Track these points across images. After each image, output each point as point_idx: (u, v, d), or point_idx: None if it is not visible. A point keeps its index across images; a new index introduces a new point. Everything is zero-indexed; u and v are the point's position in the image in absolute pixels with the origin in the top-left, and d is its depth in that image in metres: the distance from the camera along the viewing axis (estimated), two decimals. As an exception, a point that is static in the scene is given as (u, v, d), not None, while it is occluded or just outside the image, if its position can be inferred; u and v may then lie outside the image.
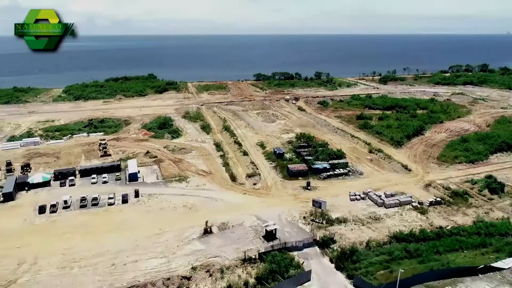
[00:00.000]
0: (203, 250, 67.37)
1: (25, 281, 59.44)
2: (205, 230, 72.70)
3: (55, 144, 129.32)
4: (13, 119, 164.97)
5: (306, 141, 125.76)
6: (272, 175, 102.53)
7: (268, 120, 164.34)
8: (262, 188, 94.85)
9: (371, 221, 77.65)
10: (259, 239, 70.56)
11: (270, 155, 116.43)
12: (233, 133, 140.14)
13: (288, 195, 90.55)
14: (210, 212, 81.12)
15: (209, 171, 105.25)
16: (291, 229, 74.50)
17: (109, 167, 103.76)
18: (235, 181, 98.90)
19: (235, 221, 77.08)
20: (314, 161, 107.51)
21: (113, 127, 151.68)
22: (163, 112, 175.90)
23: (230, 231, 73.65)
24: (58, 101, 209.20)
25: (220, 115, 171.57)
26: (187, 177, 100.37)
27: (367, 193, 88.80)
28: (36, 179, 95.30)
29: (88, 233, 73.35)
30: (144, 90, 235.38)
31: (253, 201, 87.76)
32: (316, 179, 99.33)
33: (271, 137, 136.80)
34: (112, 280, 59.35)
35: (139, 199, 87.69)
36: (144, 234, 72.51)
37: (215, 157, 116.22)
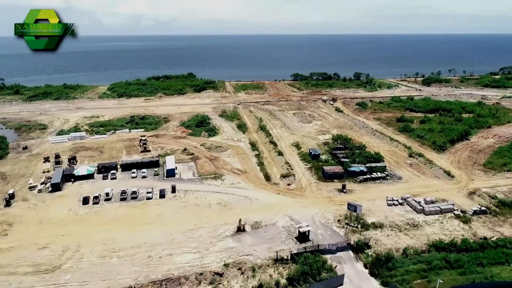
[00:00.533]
0: (235, 247, 68.06)
1: (68, 267, 62.95)
2: (238, 228, 73.39)
3: (99, 139, 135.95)
4: (62, 114, 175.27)
5: (343, 143, 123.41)
6: (306, 176, 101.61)
7: (304, 120, 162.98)
8: (296, 189, 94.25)
9: (409, 228, 74.84)
10: (292, 240, 70.21)
11: (305, 156, 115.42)
12: (268, 133, 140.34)
13: (322, 197, 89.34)
14: (243, 210, 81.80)
15: (244, 170, 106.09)
16: (325, 232, 73.46)
17: (148, 162, 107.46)
18: (269, 180, 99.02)
19: (268, 221, 77.18)
20: (351, 163, 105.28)
21: (153, 124, 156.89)
22: (201, 111, 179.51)
23: (262, 230, 73.86)
24: (103, 98, 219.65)
25: (256, 115, 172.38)
26: (222, 175, 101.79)
27: (406, 198, 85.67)
28: (81, 171, 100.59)
29: (127, 225, 76.42)
30: (183, 89, 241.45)
31: (286, 201, 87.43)
32: (352, 182, 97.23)
33: (307, 138, 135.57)
34: (147, 272, 61.44)
35: (175, 194, 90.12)
36: (180, 228, 74.41)
37: (250, 156, 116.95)
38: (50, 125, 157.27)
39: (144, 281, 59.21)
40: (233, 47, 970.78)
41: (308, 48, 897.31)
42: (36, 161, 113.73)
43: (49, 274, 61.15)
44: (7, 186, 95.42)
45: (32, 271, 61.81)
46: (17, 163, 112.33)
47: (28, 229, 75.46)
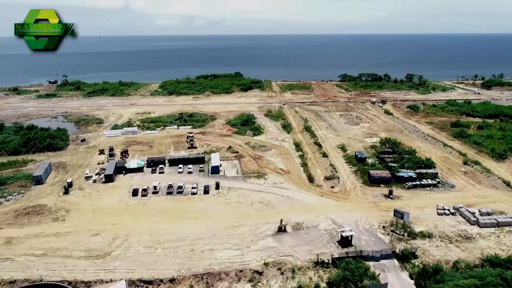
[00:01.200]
0: (276, 247, 68.04)
1: (117, 254, 66.53)
2: (279, 228, 73.30)
3: (149, 134, 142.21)
4: (117, 110, 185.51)
5: (392, 146, 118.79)
6: (351, 179, 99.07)
7: (351, 122, 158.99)
8: (340, 192, 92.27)
9: (461, 240, 70.36)
10: (334, 244, 68.84)
11: (351, 158, 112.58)
12: (313, 134, 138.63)
13: (367, 202, 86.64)
14: (285, 210, 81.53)
15: (287, 170, 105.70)
16: (368, 238, 71.18)
17: (194, 158, 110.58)
18: (313, 182, 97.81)
19: (310, 223, 76.30)
20: (399, 168, 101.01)
21: (200, 122, 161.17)
22: (246, 110, 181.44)
23: (304, 232, 73.15)
24: (154, 95, 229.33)
25: (302, 115, 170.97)
26: (265, 174, 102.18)
27: (458, 208, 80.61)
28: (132, 164, 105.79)
29: (172, 218, 79.24)
30: (230, 88, 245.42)
31: (330, 204, 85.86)
32: (399, 188, 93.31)
33: (353, 140, 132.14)
34: (190, 265, 63.27)
35: (219, 191, 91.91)
36: (222, 225, 75.80)
37: (294, 157, 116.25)
38: (106, 119, 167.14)
39: (186, 273, 61.04)
40: (280, 47, 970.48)
41: (357, 48, 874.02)
42: (92, 153, 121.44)
43: (100, 259, 65.02)
44: (66, 175, 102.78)
45: (85, 255, 66.09)
46: (75, 154, 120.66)
47: (83, 216, 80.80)
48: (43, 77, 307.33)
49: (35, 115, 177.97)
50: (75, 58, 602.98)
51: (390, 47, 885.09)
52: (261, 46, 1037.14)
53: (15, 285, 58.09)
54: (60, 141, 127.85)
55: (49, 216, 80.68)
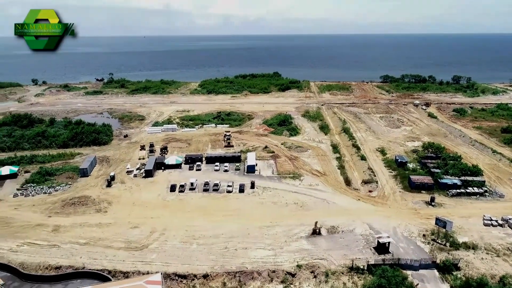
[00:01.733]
0: (309, 250, 67.20)
1: (154, 247, 68.64)
2: (313, 231, 72.33)
3: (188, 132, 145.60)
4: (158, 107, 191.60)
5: (435, 151, 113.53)
6: (390, 184, 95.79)
7: (392, 125, 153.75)
8: (378, 197, 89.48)
9: (510, 254, 65.86)
10: (370, 250, 66.89)
11: (390, 162, 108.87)
12: (352, 136, 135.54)
13: (407, 208, 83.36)
14: (320, 213, 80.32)
15: (324, 172, 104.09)
16: (407, 246, 68.46)
17: (230, 157, 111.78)
18: (350, 185, 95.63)
19: (346, 227, 74.63)
20: (442, 175, 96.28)
21: (237, 121, 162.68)
22: (284, 110, 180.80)
23: (339, 236, 71.69)
24: (194, 94, 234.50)
25: (340, 116, 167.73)
26: (301, 175, 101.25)
27: (508, 219, 75.48)
28: (171, 161, 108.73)
29: (207, 215, 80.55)
30: (268, 88, 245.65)
31: (367, 209, 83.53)
32: (442, 195, 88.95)
33: (394, 144, 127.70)
34: (223, 262, 63.99)
35: (254, 190, 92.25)
36: (256, 224, 75.99)
37: (331, 159, 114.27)
38: (147, 116, 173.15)
39: (220, 270, 61.79)
40: (319, 47, 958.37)
41: (399, 48, 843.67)
42: (134, 148, 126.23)
43: (138, 251, 67.41)
44: (110, 169, 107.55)
45: (124, 246, 68.78)
46: (118, 149, 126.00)
47: (124, 208, 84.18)
48: (91, 75, 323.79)
49: (82, 110, 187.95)
50: (121, 57, 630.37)
51: (436, 47, 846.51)
52: (300, 46, 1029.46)
53: (60, 270, 61.50)
54: (104, 136, 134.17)
55: (92, 207, 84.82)
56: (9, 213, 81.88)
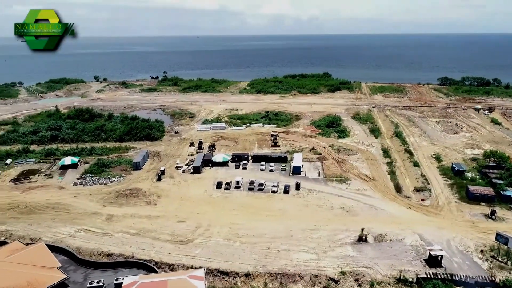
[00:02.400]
0: (354, 257, 64.99)
1: (199, 242, 70.20)
2: (359, 237, 69.88)
3: (236, 130, 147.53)
4: (208, 106, 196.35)
5: (497, 160, 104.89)
6: (446, 193, 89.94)
7: (449, 130, 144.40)
8: (431, 206, 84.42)
9: None
10: (420, 262, 63.20)
11: (446, 170, 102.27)
12: (404, 140, 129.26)
13: (463, 221, 77.73)
14: (367, 219, 77.45)
15: (373, 177, 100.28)
16: (462, 261, 63.78)
17: (276, 157, 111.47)
18: (400, 192, 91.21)
19: (394, 236, 71.22)
20: (506, 186, 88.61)
21: (285, 121, 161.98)
22: (333, 111, 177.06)
23: (387, 245, 68.58)
24: (243, 93, 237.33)
25: (393, 120, 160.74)
26: (348, 179, 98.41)
27: None
28: (218, 158, 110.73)
29: (251, 214, 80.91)
30: (317, 88, 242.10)
31: (418, 218, 79.12)
32: (505, 208, 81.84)
33: (451, 151, 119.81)
34: (265, 262, 63.84)
35: (299, 192, 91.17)
36: (300, 226, 74.97)
37: (381, 163, 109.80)
38: (197, 114, 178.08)
39: (261, 270, 61.69)
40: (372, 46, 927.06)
41: (459, 49, 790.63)
42: (183, 144, 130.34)
43: (183, 245, 69.33)
44: (160, 163, 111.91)
45: (170, 239, 71.09)
46: (169, 144, 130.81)
47: (172, 202, 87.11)
48: (147, 73, 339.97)
49: (138, 107, 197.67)
50: (175, 56, 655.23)
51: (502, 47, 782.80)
52: (352, 45, 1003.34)
53: (111, 258, 64.97)
54: (157, 132, 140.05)
55: (143, 199, 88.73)
56: (69, 200, 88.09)
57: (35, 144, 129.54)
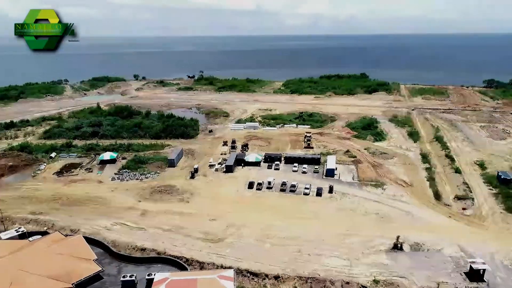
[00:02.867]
0: (389, 265, 62.58)
1: (229, 242, 70.40)
2: (394, 245, 67.24)
3: (269, 130, 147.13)
4: (242, 105, 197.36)
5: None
6: (490, 203, 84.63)
7: (495, 136, 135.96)
8: (473, 216, 79.75)
9: None
10: (460, 275, 59.79)
11: (491, 178, 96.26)
12: (445, 145, 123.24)
13: (509, 233, 72.79)
14: (403, 227, 74.41)
15: (410, 182, 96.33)
16: (507, 277, 59.62)
17: (310, 159, 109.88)
18: (439, 200, 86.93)
19: (432, 245, 67.89)
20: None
21: (319, 122, 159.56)
22: (369, 113, 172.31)
23: (423, 255, 65.51)
24: (277, 93, 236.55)
25: (433, 123, 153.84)
26: (384, 183, 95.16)
27: None
28: (251, 158, 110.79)
29: (282, 215, 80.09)
30: (353, 89, 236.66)
31: (459, 228, 75.02)
32: (557, 222, 75.81)
33: (496, 158, 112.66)
34: (295, 265, 62.90)
35: (332, 195, 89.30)
36: (332, 230, 73.32)
37: (419, 169, 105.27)
38: (231, 113, 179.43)
39: (291, 273, 60.86)
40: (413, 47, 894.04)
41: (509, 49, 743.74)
42: (217, 143, 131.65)
43: (214, 243, 69.80)
44: (194, 161, 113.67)
45: (202, 237, 71.81)
46: (203, 143, 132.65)
47: (204, 200, 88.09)
48: (184, 72, 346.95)
49: (174, 105, 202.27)
50: (211, 56, 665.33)
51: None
52: (391, 46, 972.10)
53: (145, 252, 66.56)
54: (191, 130, 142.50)
55: (176, 196, 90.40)
56: (107, 195, 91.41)
57: (77, 139, 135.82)
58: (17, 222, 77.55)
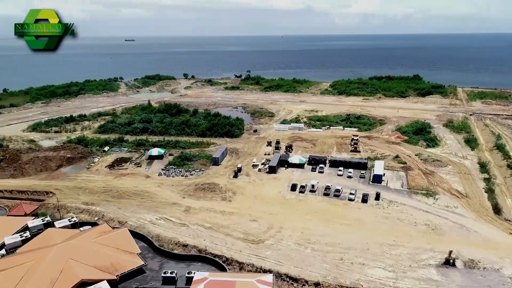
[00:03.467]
0: (439, 281, 58.39)
1: (269, 244, 69.61)
2: (446, 260, 62.64)
3: (314, 132, 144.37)
4: (288, 106, 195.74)
5: None
6: (559, 221, 76.36)
7: None
8: (538, 234, 72.36)
9: None
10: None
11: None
12: (507, 155, 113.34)
13: None
14: (457, 241, 69.26)
15: (466, 193, 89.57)
16: None
17: (356, 163, 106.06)
18: (499, 214, 79.88)
19: (489, 264, 62.42)
20: None
21: (367, 125, 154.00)
22: (422, 117, 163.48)
23: (479, 273, 60.36)
24: (324, 94, 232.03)
25: (494, 130, 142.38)
26: (436, 193, 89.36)
27: None
28: (294, 160, 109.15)
29: (325, 220, 77.88)
30: (405, 92, 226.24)
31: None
32: None
33: None
34: (336, 274, 60.71)
35: (378, 202, 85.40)
36: (377, 239, 70.02)
37: (476, 179, 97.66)
38: (276, 113, 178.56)
39: (332, 282, 58.80)
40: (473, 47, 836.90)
41: None
42: (261, 143, 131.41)
43: (254, 244, 69.38)
44: (238, 160, 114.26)
45: (242, 237, 71.70)
46: (247, 142, 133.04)
47: (246, 200, 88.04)
48: (231, 72, 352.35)
49: (220, 104, 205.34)
50: (258, 55, 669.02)
51: None
52: (448, 46, 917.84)
53: (186, 248, 67.67)
54: (236, 130, 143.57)
55: (219, 194, 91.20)
56: (154, 189, 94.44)
57: (129, 134, 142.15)
58: (71, 211, 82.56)
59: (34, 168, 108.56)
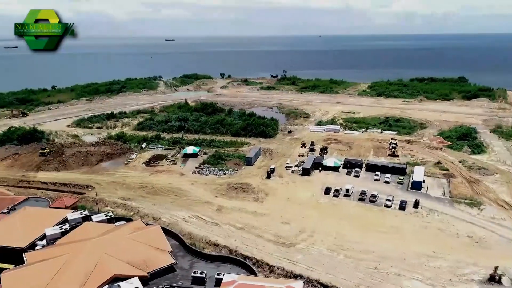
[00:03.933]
0: (483, 299, 54.49)
1: (301, 248, 68.24)
2: (491, 277, 58.39)
3: (350, 135, 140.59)
4: (324, 106, 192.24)
5: None
6: None
7: None
8: None
9: None
10: None
11: None
12: None
13: None
14: (503, 256, 64.39)
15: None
16: None
17: (394, 168, 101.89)
18: (553, 229, 73.52)
19: (541, 283, 57.43)
20: None
21: (407, 128, 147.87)
22: (466, 121, 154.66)
23: (529, 293, 55.72)
24: (362, 95, 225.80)
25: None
26: (481, 203, 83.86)
27: None
28: (329, 162, 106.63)
29: (360, 227, 75.27)
30: (449, 94, 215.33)
31: None
32: None
33: None
34: (370, 283, 58.37)
35: (417, 210, 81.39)
36: (415, 249, 66.68)
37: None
38: (312, 114, 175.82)
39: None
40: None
41: None
42: (295, 144, 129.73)
43: (285, 248, 68.31)
44: (271, 161, 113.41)
45: (273, 240, 70.81)
46: (281, 143, 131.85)
47: (278, 202, 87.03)
48: (267, 71, 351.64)
49: (256, 104, 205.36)
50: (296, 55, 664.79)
51: None
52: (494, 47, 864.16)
53: (217, 248, 67.74)
54: (271, 130, 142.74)
55: (251, 195, 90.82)
56: (188, 187, 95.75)
57: (165, 132, 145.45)
58: (109, 205, 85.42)
59: (77, 162, 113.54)
